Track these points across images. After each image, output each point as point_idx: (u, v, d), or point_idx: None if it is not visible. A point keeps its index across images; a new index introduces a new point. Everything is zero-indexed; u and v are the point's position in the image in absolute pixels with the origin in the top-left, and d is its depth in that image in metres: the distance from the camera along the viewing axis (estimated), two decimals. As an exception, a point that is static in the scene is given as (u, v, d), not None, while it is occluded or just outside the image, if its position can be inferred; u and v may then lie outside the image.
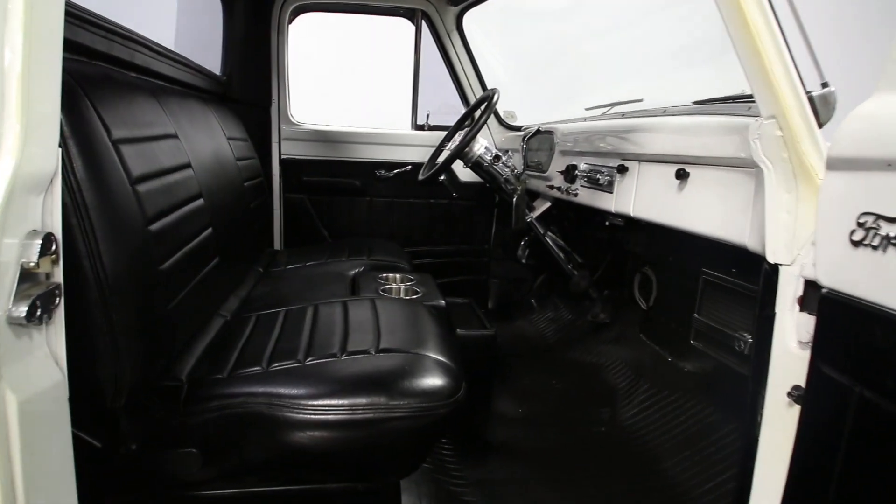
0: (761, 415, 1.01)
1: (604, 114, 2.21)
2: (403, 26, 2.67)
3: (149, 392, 1.07)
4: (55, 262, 0.71)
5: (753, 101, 1.08)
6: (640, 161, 1.60)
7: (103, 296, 0.91)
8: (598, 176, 1.78)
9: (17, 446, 0.64)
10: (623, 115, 2.02)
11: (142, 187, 1.07)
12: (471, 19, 2.65)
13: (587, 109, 2.34)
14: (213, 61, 2.29)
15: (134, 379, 0.97)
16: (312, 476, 1.15)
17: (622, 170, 1.65)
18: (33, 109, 0.65)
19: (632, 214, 1.60)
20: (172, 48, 1.76)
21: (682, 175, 1.34)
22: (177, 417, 1.05)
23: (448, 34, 2.64)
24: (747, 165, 1.11)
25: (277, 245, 2.73)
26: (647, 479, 1.52)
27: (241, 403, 1.05)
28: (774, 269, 0.96)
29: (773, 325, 0.96)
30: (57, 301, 0.71)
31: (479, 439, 1.72)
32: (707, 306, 1.57)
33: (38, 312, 0.66)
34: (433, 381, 1.11)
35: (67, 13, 1.10)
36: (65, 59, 1.05)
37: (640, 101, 2.06)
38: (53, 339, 0.73)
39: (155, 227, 1.09)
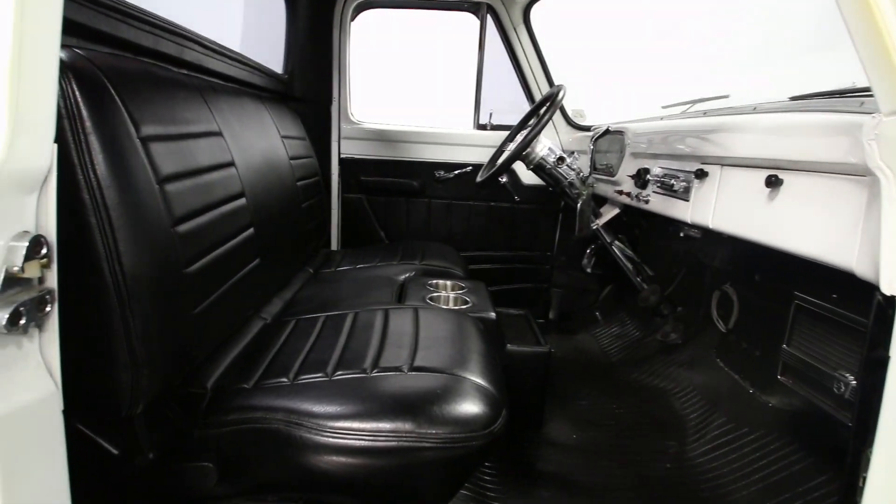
0: (864, 479, 0.82)
1: (683, 112, 2.00)
2: (466, 21, 2.56)
3: (170, 400, 1.02)
4: (46, 266, 0.66)
5: (869, 95, 0.88)
6: (723, 165, 1.40)
7: (121, 300, 0.87)
8: (672, 181, 1.59)
9: (-6, 464, 0.59)
10: (705, 114, 1.81)
11: (170, 186, 1.03)
12: (539, 12, 2.50)
13: (664, 108, 2.13)
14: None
15: (152, 386, 0.93)
16: (334, 500, 1.07)
17: (701, 175, 1.45)
18: (23, 103, 0.60)
19: (710, 226, 1.41)
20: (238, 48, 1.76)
21: (773, 182, 1.14)
22: (196, 428, 1.01)
23: (514, 28, 2.51)
24: (858, 173, 0.91)
25: (335, 245, 2.71)
26: (717, 532, 1.33)
27: (259, 419, 0.98)
28: (890, 301, 0.77)
29: (885, 370, 0.77)
30: (48, 308, 0.66)
31: (525, 467, 1.57)
32: (799, 337, 1.35)
33: (23, 321, 0.61)
34: (468, 408, 0.99)
35: (108, 7, 1.08)
36: (100, 55, 1.04)
37: (726, 97, 1.83)
38: (47, 347, 0.68)
39: (183, 227, 1.04)
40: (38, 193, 0.65)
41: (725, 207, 1.36)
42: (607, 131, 2.14)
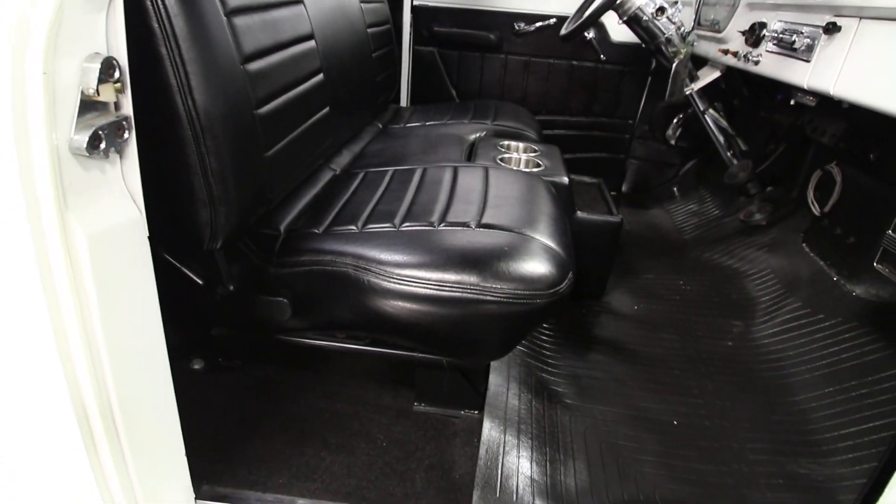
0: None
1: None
2: None
3: (246, 238, 1.07)
4: (120, 91, 0.65)
5: None
6: (862, 18, 1.18)
7: (195, 135, 0.87)
8: (793, 37, 1.37)
9: (90, 280, 0.64)
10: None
11: (238, 20, 0.98)
12: None
13: (797, -53, 1.78)
14: None
15: (229, 223, 0.96)
16: (398, 342, 1.13)
17: (831, 29, 1.23)
18: None
19: (831, 93, 1.22)
20: None
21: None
22: (271, 266, 1.06)
23: None
24: None
25: (403, 101, 2.62)
26: (772, 409, 1.33)
27: (329, 262, 1.02)
28: None
29: None
30: (126, 135, 0.67)
31: (583, 331, 1.60)
32: (910, 223, 1.21)
33: (103, 145, 0.62)
34: (534, 267, 0.98)
35: None
36: None
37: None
38: (129, 175, 0.70)
39: (253, 66, 1.01)
40: (105, 13, 0.63)
41: (856, 71, 1.17)
42: (721, -24, 1.83)
